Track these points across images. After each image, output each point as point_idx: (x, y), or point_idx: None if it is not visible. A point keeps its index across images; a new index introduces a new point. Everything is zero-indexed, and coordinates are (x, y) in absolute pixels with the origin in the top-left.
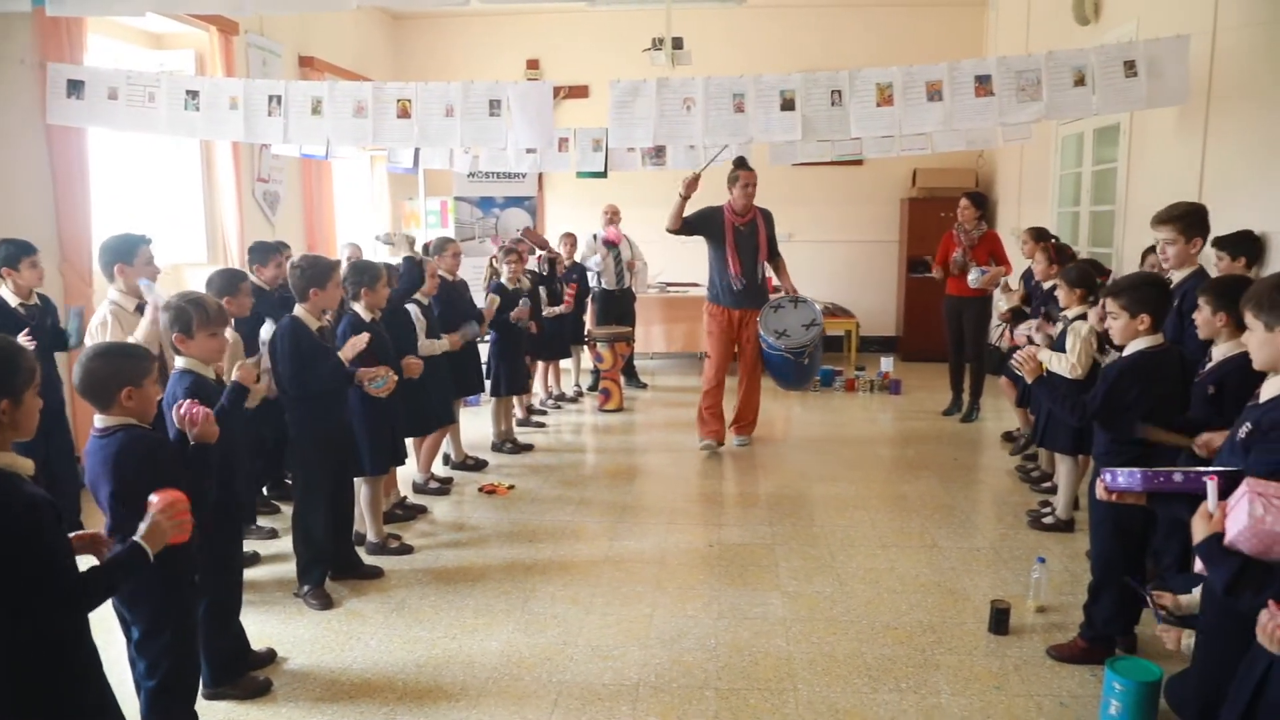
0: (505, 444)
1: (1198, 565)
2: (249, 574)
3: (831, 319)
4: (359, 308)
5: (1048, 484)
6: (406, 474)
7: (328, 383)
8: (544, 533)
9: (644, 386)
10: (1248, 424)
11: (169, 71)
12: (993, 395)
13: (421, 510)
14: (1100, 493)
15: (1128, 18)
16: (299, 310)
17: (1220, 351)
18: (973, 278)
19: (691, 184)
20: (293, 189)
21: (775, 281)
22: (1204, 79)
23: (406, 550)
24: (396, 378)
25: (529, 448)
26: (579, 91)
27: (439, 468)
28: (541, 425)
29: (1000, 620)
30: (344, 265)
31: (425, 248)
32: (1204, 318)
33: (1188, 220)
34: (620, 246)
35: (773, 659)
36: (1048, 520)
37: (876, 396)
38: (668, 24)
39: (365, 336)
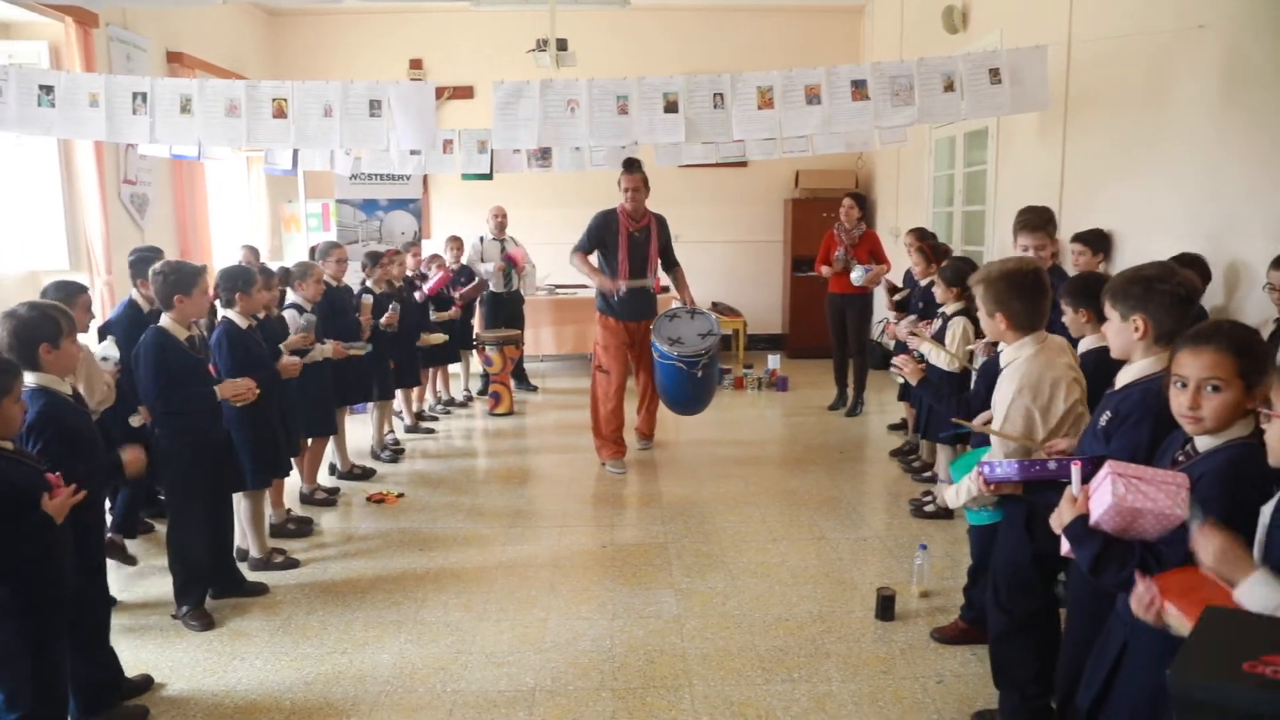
0: (383, 451)
1: (1065, 548)
2: (122, 596)
3: (720, 318)
4: (233, 314)
5: (928, 473)
6: (292, 486)
7: (195, 404)
8: (435, 541)
9: (535, 389)
10: (1108, 411)
11: (18, 64)
12: (876, 389)
13: (308, 522)
14: (980, 486)
15: (992, 28)
16: (165, 321)
17: (1083, 346)
18: (855, 276)
19: (610, 288)
20: (163, 191)
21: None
22: (1062, 87)
23: (292, 564)
24: (258, 390)
25: (401, 452)
26: (463, 92)
27: (325, 478)
28: (431, 431)
29: (886, 607)
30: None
31: (311, 251)
32: (1070, 318)
33: (1053, 225)
34: (523, 264)
35: (668, 656)
36: (929, 509)
37: (764, 394)
38: (552, 25)
39: (250, 385)
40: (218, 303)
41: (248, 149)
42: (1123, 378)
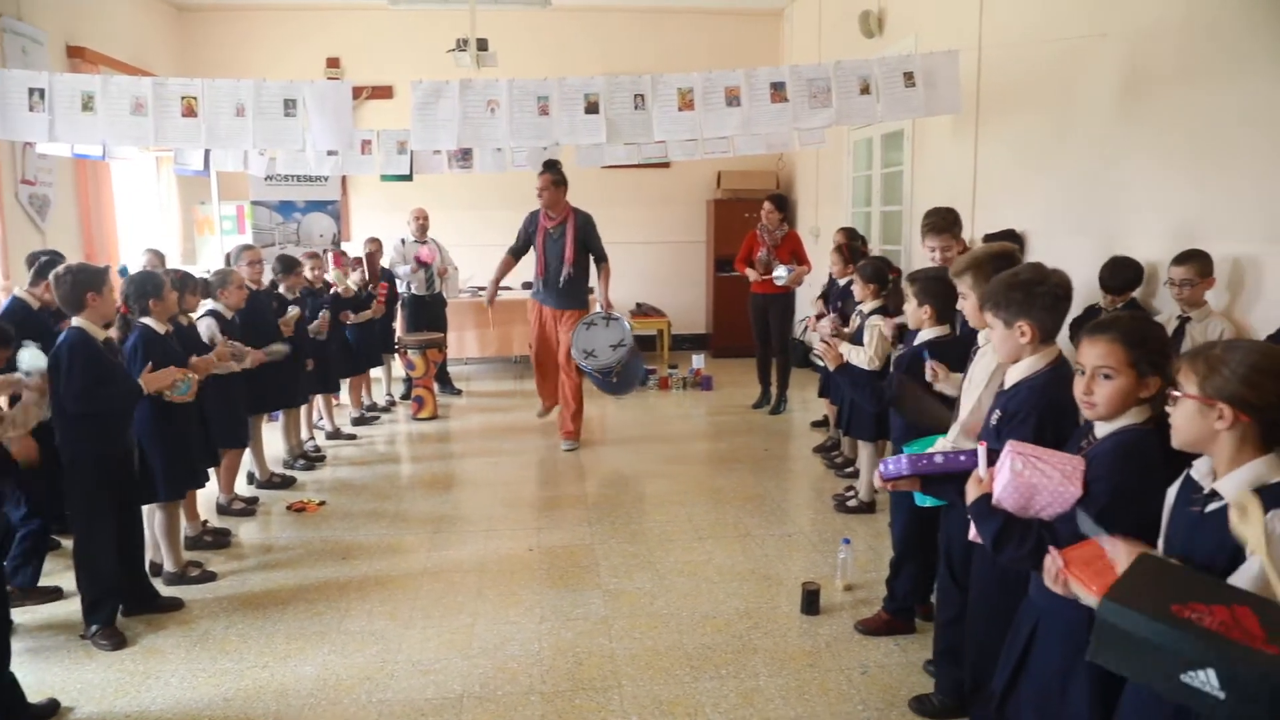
0: (297, 460)
1: (972, 532)
2: (24, 617)
3: (644, 319)
4: (150, 321)
5: (851, 469)
6: (208, 496)
7: (120, 402)
8: (358, 549)
9: (459, 393)
10: (998, 410)
11: None
12: (799, 387)
13: (226, 534)
14: (878, 483)
15: (907, 32)
16: (80, 321)
17: (920, 337)
18: (778, 276)
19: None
20: (65, 192)
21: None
22: (973, 91)
23: (209, 577)
24: (196, 377)
25: (321, 459)
26: (382, 92)
27: (243, 487)
28: (352, 437)
29: (811, 601)
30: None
31: (226, 257)
32: (911, 309)
33: (958, 226)
34: (433, 263)
35: (596, 658)
36: (851, 503)
37: (689, 393)
38: (472, 25)
39: (172, 373)
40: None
41: (156, 149)
42: (1011, 377)
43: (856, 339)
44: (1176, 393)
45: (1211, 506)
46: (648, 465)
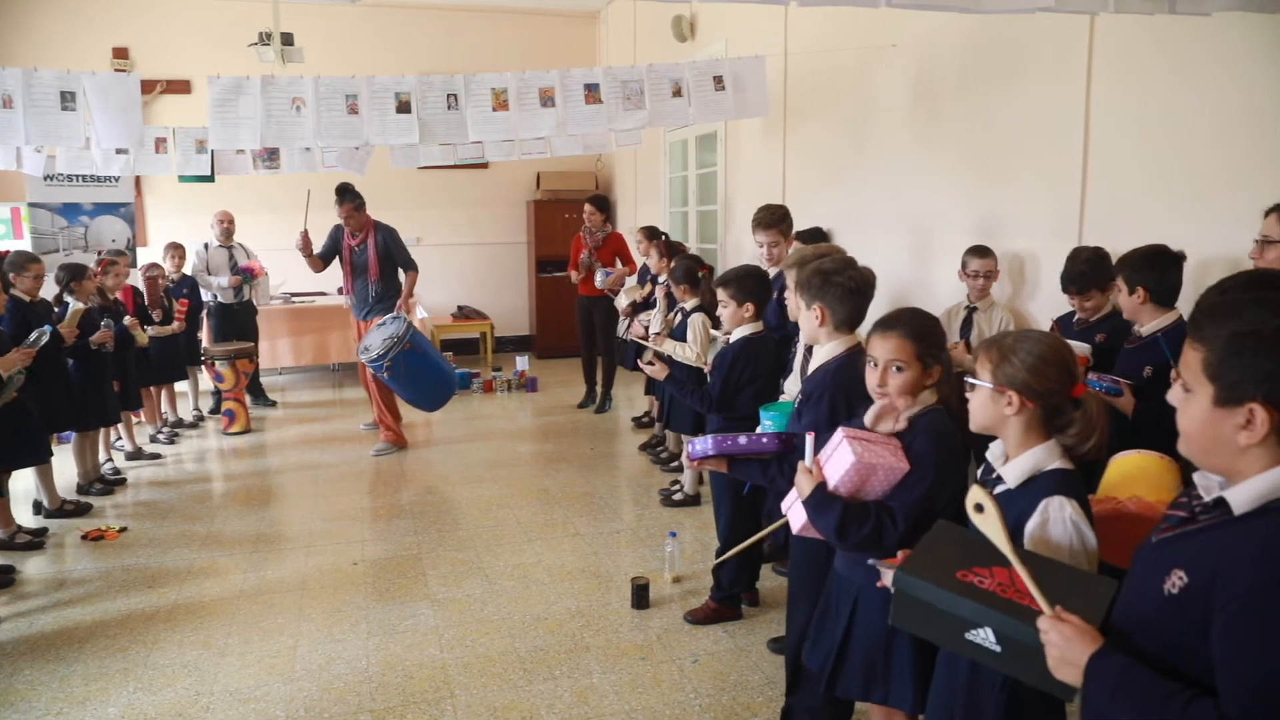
0: (93, 484)
1: (797, 526)
2: None
3: (466, 322)
4: None
5: (675, 463)
6: None
7: None
8: (166, 576)
9: (273, 404)
10: (800, 394)
11: None
12: (623, 385)
13: (8, 571)
14: (685, 463)
15: (718, 37)
16: None
17: (736, 334)
18: (598, 280)
19: (304, 245)
20: None
21: None
22: (780, 95)
23: None
24: None
25: (121, 482)
26: (179, 86)
27: (29, 518)
28: (156, 457)
29: (640, 596)
30: None
31: None
32: (732, 311)
33: (785, 223)
34: (264, 276)
35: (427, 669)
36: (677, 497)
37: (514, 395)
38: (275, 18)
39: None
40: None
41: None
42: (813, 362)
43: (679, 334)
44: (973, 380)
45: (999, 489)
46: (474, 469)
